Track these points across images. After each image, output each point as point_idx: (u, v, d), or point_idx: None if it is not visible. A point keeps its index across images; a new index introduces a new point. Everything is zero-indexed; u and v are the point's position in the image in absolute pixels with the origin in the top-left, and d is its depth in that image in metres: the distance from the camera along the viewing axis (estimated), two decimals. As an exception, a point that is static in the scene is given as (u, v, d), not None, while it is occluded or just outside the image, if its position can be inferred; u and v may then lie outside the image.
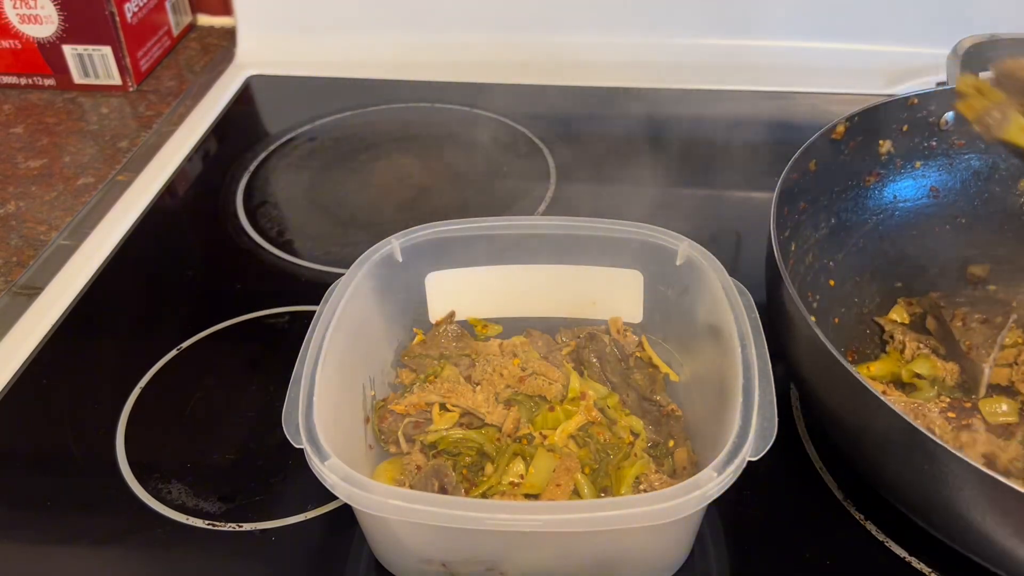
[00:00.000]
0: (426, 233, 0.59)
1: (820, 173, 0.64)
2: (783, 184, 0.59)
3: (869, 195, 0.68)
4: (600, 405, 0.57)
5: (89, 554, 0.54)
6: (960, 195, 0.70)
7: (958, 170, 0.69)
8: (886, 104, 0.65)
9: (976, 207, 0.70)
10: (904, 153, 0.68)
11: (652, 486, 0.51)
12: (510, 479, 0.52)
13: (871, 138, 0.66)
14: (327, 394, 0.49)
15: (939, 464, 0.44)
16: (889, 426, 0.46)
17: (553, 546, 0.48)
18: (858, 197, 0.68)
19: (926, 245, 0.69)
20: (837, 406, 0.52)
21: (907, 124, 0.67)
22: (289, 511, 0.56)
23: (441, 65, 1.03)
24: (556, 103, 0.99)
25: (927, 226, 0.70)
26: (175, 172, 0.89)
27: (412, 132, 0.95)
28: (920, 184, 0.69)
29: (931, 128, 0.67)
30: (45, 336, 0.69)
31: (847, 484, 0.57)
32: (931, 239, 0.70)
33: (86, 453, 0.60)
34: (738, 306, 0.53)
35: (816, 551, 0.53)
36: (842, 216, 0.67)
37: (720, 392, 0.51)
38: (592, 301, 0.63)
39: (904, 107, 0.66)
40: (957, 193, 0.70)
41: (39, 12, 0.96)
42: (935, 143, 0.68)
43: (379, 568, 0.52)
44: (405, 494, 0.44)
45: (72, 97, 1.01)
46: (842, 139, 0.64)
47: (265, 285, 0.75)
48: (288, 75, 1.04)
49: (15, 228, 0.81)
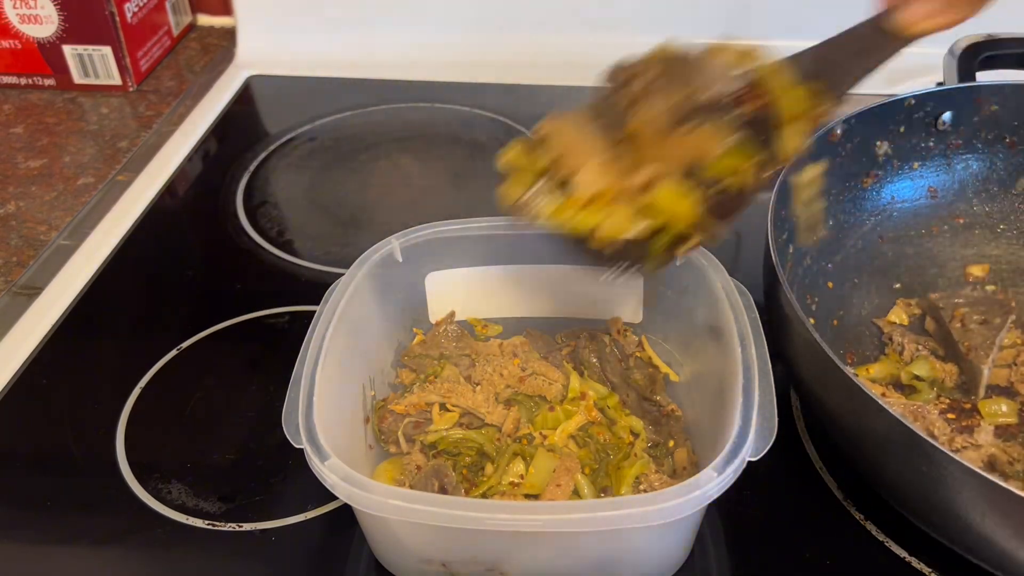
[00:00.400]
0: (426, 233, 0.59)
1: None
2: (780, 187, 0.59)
3: (867, 196, 0.68)
4: (600, 405, 0.57)
5: (89, 554, 0.54)
6: (958, 195, 0.70)
7: (956, 170, 0.69)
8: (883, 106, 0.65)
9: (974, 207, 0.70)
10: (901, 154, 0.68)
11: (652, 486, 0.51)
12: (510, 479, 0.52)
13: (868, 140, 0.66)
14: (327, 394, 0.49)
15: (938, 467, 0.44)
16: (888, 429, 0.46)
17: (553, 546, 0.48)
18: (856, 199, 0.68)
19: (924, 246, 0.70)
20: (836, 408, 0.52)
21: (904, 125, 0.67)
22: (289, 511, 0.56)
23: (441, 65, 1.03)
24: (556, 103, 0.99)
25: (926, 227, 0.70)
26: (175, 172, 0.89)
27: (412, 132, 0.95)
28: (918, 185, 0.69)
29: (928, 129, 0.67)
30: (45, 336, 0.69)
31: (847, 484, 0.57)
32: (929, 240, 0.70)
33: (86, 453, 0.60)
34: (738, 306, 0.53)
35: (816, 551, 0.53)
36: (840, 218, 0.67)
37: (720, 392, 0.52)
38: (592, 301, 0.63)
39: (901, 108, 0.66)
40: (955, 193, 0.70)
41: (39, 12, 0.96)
42: (933, 144, 0.68)
43: (379, 568, 0.52)
44: (405, 494, 0.44)
45: (72, 97, 1.01)
46: (839, 141, 0.64)
47: (265, 285, 0.75)
48: (288, 75, 1.04)
49: (15, 228, 0.81)
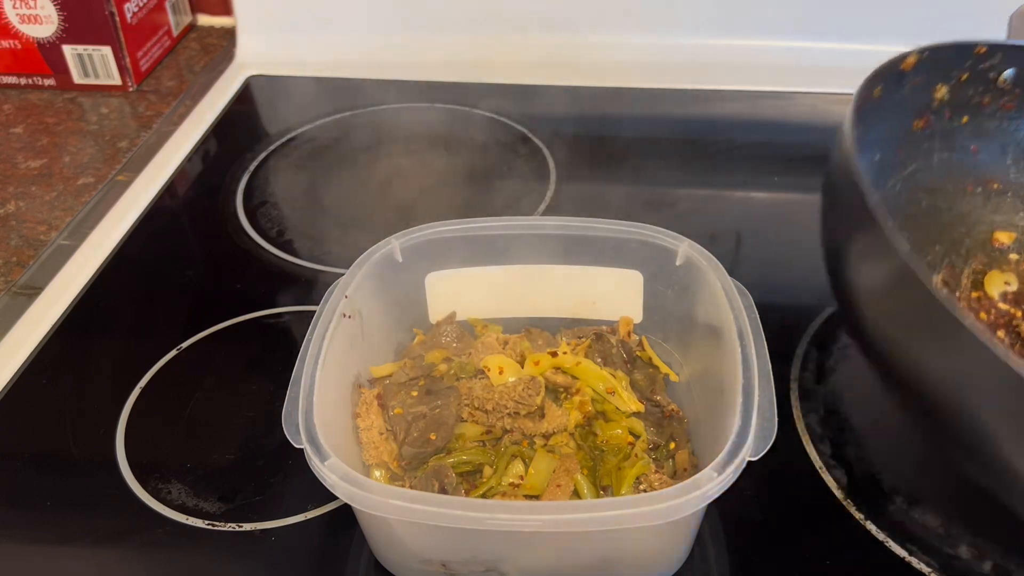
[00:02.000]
0: (426, 233, 0.59)
1: (880, 104, 0.60)
2: (859, 101, 0.55)
3: (914, 139, 0.65)
4: (600, 408, 0.57)
5: (89, 554, 0.54)
6: (998, 159, 0.68)
7: (1002, 132, 0.67)
8: (957, 45, 0.62)
9: (1011, 175, 0.68)
10: (956, 103, 0.65)
11: (652, 487, 0.51)
12: (510, 480, 0.52)
13: (931, 80, 0.63)
14: (327, 394, 0.49)
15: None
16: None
17: (553, 546, 0.48)
18: (903, 139, 0.65)
19: (957, 202, 0.67)
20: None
21: (968, 73, 0.64)
22: (289, 511, 0.56)
23: (441, 65, 1.03)
24: (556, 103, 0.99)
25: (961, 183, 0.67)
26: (175, 172, 0.89)
27: (412, 132, 0.95)
28: (963, 139, 0.67)
29: (988, 83, 0.65)
30: (45, 336, 0.69)
31: (847, 484, 0.57)
32: (962, 198, 0.68)
33: (86, 453, 0.60)
34: (738, 306, 0.53)
35: (816, 551, 0.53)
36: (887, 154, 0.64)
37: (720, 392, 0.51)
38: (592, 301, 0.63)
39: (970, 54, 0.63)
40: (996, 156, 0.68)
41: (39, 12, 0.96)
42: (988, 99, 0.65)
43: (379, 568, 0.52)
44: (405, 494, 0.44)
45: (72, 97, 1.01)
46: (910, 71, 0.61)
47: (265, 285, 0.75)
48: (288, 75, 1.04)
49: (15, 228, 0.81)
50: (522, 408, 0.54)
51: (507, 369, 0.56)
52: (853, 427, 0.60)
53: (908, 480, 0.57)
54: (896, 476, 0.57)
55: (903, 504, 0.56)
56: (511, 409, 0.54)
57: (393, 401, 0.55)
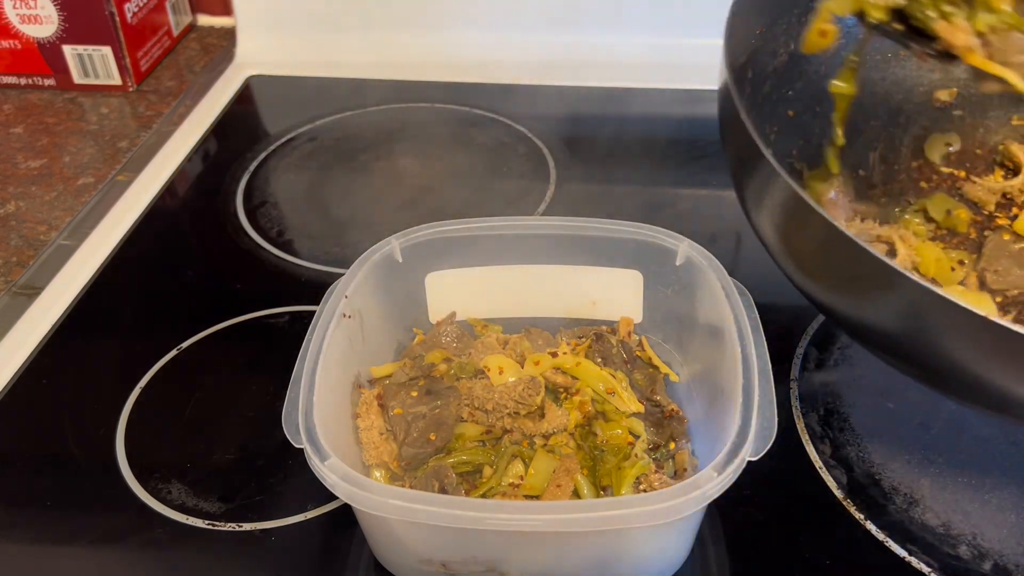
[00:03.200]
0: (426, 233, 0.59)
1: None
2: (735, 5, 0.53)
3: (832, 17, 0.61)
4: (600, 408, 0.57)
5: (89, 554, 0.54)
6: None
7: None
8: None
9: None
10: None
11: (652, 487, 0.51)
12: (510, 480, 0.52)
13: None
14: (327, 394, 0.49)
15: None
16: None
17: (553, 546, 0.48)
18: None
19: (890, 70, 0.65)
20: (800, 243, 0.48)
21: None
22: (289, 511, 0.56)
23: (441, 65, 1.03)
24: (556, 103, 0.99)
25: (892, 50, 0.64)
26: (175, 172, 0.89)
27: (412, 132, 0.95)
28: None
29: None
30: (45, 336, 0.69)
31: (847, 484, 0.57)
32: (896, 64, 0.65)
33: (86, 453, 0.60)
34: (738, 306, 0.53)
35: (816, 551, 0.53)
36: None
37: (720, 392, 0.52)
38: (592, 301, 0.63)
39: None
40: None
41: (39, 12, 0.96)
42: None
43: (379, 568, 0.52)
44: (405, 494, 0.44)
45: (72, 97, 1.01)
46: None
47: (265, 285, 0.75)
48: (288, 75, 1.04)
49: (15, 228, 0.81)
50: (522, 408, 0.54)
51: (507, 369, 0.56)
52: (853, 427, 0.61)
53: (908, 480, 0.57)
54: (896, 476, 0.57)
55: (903, 504, 0.56)
56: (511, 409, 0.54)
57: (393, 401, 0.55)
